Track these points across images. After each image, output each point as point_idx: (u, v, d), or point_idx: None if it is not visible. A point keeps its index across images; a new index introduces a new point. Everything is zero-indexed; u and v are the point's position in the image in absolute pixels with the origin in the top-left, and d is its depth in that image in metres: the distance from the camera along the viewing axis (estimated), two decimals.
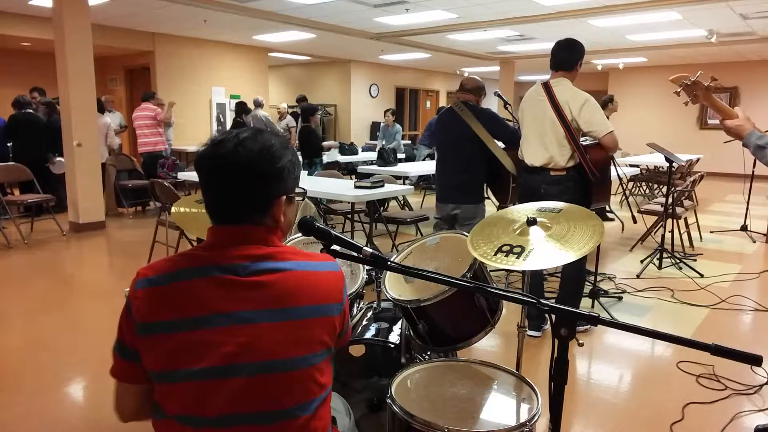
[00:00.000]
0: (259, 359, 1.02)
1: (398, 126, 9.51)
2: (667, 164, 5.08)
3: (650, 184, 9.22)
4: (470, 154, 3.54)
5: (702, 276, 4.75)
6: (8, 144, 7.06)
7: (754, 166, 6.46)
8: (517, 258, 1.60)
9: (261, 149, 1.07)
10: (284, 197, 1.12)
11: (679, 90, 1.97)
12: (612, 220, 7.24)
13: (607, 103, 6.93)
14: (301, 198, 1.21)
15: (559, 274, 3.83)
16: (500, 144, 3.62)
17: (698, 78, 1.92)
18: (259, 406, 1.03)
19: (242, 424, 1.02)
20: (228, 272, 1.05)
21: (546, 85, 3.21)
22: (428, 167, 6.52)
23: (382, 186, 4.61)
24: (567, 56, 3.22)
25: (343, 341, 1.24)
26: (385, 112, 9.58)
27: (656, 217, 5.67)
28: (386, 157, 6.46)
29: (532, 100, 3.31)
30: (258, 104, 9.00)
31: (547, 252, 1.61)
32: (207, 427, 1.01)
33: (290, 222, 1.18)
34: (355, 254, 1.22)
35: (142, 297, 1.04)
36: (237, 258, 1.06)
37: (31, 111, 7.04)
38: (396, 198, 7.40)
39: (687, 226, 5.72)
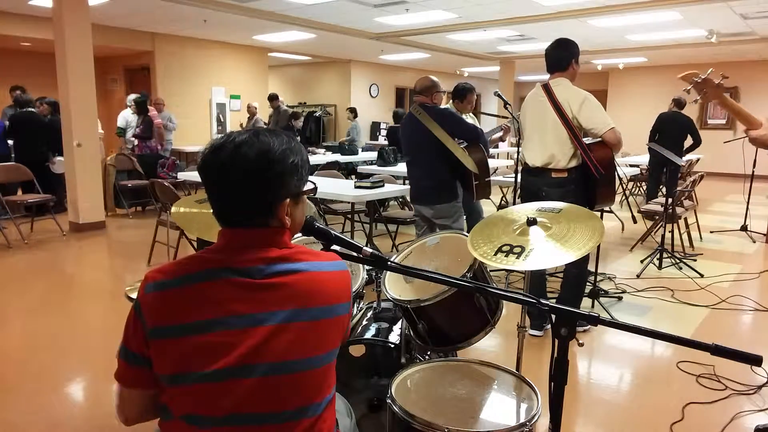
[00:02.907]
0: (272, 360, 1.01)
1: (355, 124, 9.86)
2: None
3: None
4: (434, 155, 3.53)
5: (702, 276, 4.75)
6: (9, 142, 7.05)
7: (754, 166, 6.47)
8: (517, 258, 1.60)
9: (258, 154, 1.04)
10: (288, 200, 1.09)
11: (689, 88, 1.95)
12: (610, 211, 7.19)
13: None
14: (312, 194, 1.19)
15: (559, 274, 3.83)
16: (463, 143, 3.60)
17: (708, 75, 1.90)
18: (270, 407, 1.02)
19: (251, 424, 1.02)
20: (242, 275, 1.04)
21: (546, 87, 3.22)
22: None
23: (382, 186, 4.61)
24: (558, 57, 3.23)
25: (344, 338, 1.24)
26: None
27: (656, 217, 5.67)
28: (386, 157, 6.46)
29: (532, 101, 3.32)
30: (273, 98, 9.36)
31: (547, 252, 1.61)
32: (215, 427, 1.01)
33: (299, 222, 1.16)
34: (355, 254, 1.22)
35: (152, 301, 1.02)
36: (251, 261, 1.05)
37: (33, 110, 7.04)
38: (396, 198, 7.39)
39: (687, 226, 5.72)
